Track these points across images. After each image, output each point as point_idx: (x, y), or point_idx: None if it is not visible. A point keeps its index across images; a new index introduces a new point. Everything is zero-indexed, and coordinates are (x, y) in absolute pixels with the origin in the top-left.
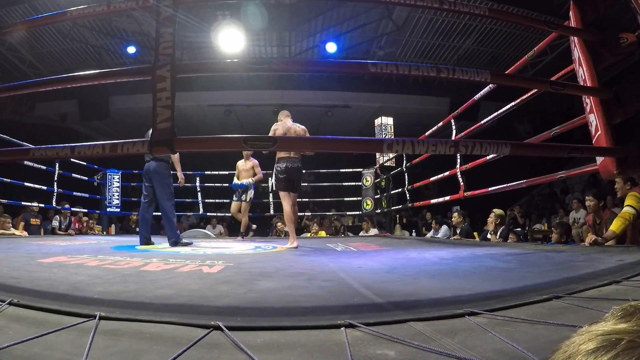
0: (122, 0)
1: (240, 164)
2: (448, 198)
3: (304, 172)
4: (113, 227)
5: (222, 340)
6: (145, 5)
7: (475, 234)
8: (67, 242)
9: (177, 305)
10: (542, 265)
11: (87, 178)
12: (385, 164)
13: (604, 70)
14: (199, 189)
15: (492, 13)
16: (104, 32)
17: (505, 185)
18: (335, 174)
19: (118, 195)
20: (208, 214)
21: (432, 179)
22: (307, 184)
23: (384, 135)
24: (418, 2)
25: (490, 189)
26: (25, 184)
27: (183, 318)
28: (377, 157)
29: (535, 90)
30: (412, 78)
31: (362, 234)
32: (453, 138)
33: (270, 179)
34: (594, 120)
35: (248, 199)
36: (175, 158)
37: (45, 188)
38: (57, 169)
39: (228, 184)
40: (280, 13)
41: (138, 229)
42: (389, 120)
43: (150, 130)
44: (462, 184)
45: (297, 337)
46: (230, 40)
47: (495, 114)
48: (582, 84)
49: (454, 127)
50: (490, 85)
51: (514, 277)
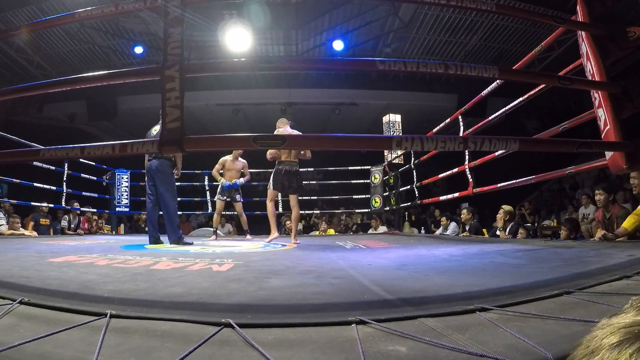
0: (130, 1)
1: (228, 163)
2: (457, 195)
3: (312, 170)
4: (122, 226)
5: (233, 338)
6: (154, 6)
7: (485, 231)
8: (76, 241)
9: (187, 303)
10: (552, 261)
11: (96, 178)
12: (394, 161)
13: (612, 65)
14: (208, 188)
15: (499, 9)
16: (112, 32)
17: (514, 181)
18: (344, 172)
19: (127, 195)
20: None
21: (440, 176)
22: (315, 182)
23: (392, 133)
24: None
25: (499, 185)
26: (35, 185)
27: (194, 316)
28: (385, 154)
29: (543, 86)
30: (419, 75)
31: (370, 232)
32: (461, 134)
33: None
34: (603, 115)
35: (239, 199)
36: (179, 156)
37: (55, 188)
38: (66, 169)
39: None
40: (287, 11)
41: (147, 229)
42: (397, 118)
43: (154, 129)
44: (470, 181)
45: (308, 333)
46: (237, 40)
47: (503, 110)
48: (590, 79)
49: (462, 123)
50: (498, 81)
51: (524, 273)
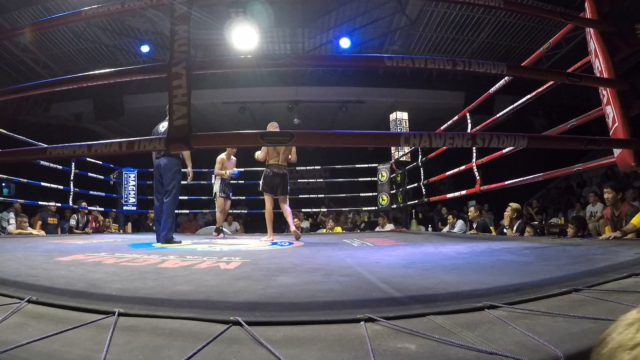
0: None
1: (225, 160)
2: (464, 192)
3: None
4: (130, 225)
5: (241, 335)
6: (160, 3)
7: (492, 229)
8: (84, 240)
9: (195, 301)
10: (560, 259)
11: (103, 177)
12: (401, 159)
13: (621, 62)
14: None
15: (506, 5)
16: (118, 31)
17: (522, 179)
18: (351, 170)
19: (134, 194)
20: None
21: (447, 174)
22: (322, 180)
23: (400, 130)
24: None
25: (507, 183)
26: (42, 184)
27: (202, 314)
28: (392, 152)
29: (551, 83)
30: (426, 72)
31: (378, 230)
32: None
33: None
34: (611, 112)
35: (231, 196)
36: (187, 154)
37: (62, 187)
38: (73, 169)
39: (244, 181)
40: (293, 9)
41: (154, 227)
42: (404, 115)
43: (161, 125)
44: (478, 178)
45: (316, 331)
46: (244, 38)
47: (511, 107)
48: (598, 76)
49: (469, 121)
50: (505, 79)
51: (532, 270)
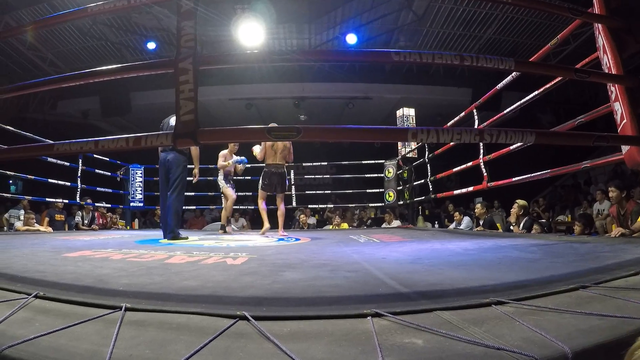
0: None
1: (228, 156)
2: (471, 189)
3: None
4: (136, 221)
5: (248, 330)
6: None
7: (499, 225)
8: (91, 237)
9: (202, 296)
10: (567, 256)
11: (110, 173)
12: (408, 155)
13: (630, 58)
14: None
15: (514, 0)
16: (124, 28)
17: (529, 176)
18: (357, 166)
19: (141, 190)
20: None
21: (454, 170)
22: (329, 176)
23: (408, 126)
24: None
25: (514, 179)
26: (50, 181)
27: (209, 309)
28: (399, 148)
29: (558, 79)
30: (433, 69)
31: (384, 226)
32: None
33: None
34: (619, 109)
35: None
36: (195, 153)
37: (69, 184)
38: (80, 165)
39: (250, 177)
40: (299, 5)
41: (161, 224)
42: (411, 112)
43: (170, 119)
44: (485, 175)
45: (323, 326)
46: (250, 34)
47: (518, 104)
48: (607, 72)
49: (476, 117)
50: (513, 75)
51: (539, 267)
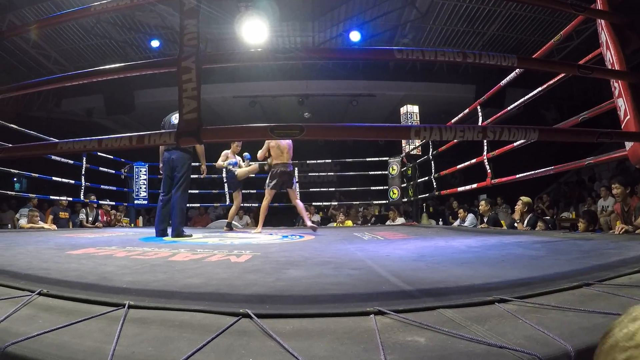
0: None
1: (229, 156)
2: (475, 186)
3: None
4: (141, 219)
5: (251, 328)
6: None
7: (503, 222)
8: (95, 234)
9: (205, 294)
10: (570, 253)
11: (114, 171)
12: (412, 153)
13: (633, 54)
14: (226, 181)
15: None
16: (127, 27)
17: (533, 172)
18: (362, 163)
19: (145, 188)
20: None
21: (458, 167)
22: (333, 174)
23: (410, 124)
24: None
25: (518, 176)
26: (54, 179)
27: (212, 306)
28: (403, 145)
29: (562, 76)
30: (437, 66)
31: (388, 223)
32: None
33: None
34: (623, 105)
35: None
36: (201, 150)
37: (73, 182)
38: (84, 163)
39: (254, 175)
40: (303, 2)
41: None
42: (415, 109)
43: (171, 117)
44: (489, 172)
45: (326, 324)
46: (253, 32)
47: (522, 100)
48: (610, 68)
49: (480, 114)
50: (516, 72)
51: (543, 264)
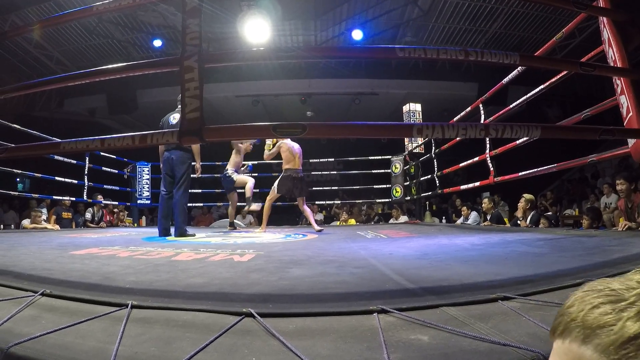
0: None
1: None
2: (478, 184)
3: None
4: (144, 218)
5: (254, 327)
6: None
7: (506, 220)
8: (98, 234)
9: (208, 294)
10: (574, 250)
11: (117, 171)
12: (414, 151)
13: (635, 51)
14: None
15: None
16: (130, 26)
17: (536, 170)
18: (365, 162)
19: (148, 187)
20: (237, 205)
21: (461, 165)
22: (336, 172)
23: (413, 122)
24: None
25: (521, 174)
26: (57, 179)
27: (215, 306)
28: (406, 143)
29: (564, 73)
30: (439, 64)
31: (392, 222)
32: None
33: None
34: (625, 102)
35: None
36: (196, 149)
37: (76, 182)
38: (87, 163)
39: (257, 174)
40: (305, 1)
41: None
42: (417, 107)
43: (169, 117)
44: (492, 170)
45: (329, 323)
46: (256, 31)
47: (524, 98)
48: (612, 65)
49: (483, 112)
50: (519, 69)
51: (546, 262)
